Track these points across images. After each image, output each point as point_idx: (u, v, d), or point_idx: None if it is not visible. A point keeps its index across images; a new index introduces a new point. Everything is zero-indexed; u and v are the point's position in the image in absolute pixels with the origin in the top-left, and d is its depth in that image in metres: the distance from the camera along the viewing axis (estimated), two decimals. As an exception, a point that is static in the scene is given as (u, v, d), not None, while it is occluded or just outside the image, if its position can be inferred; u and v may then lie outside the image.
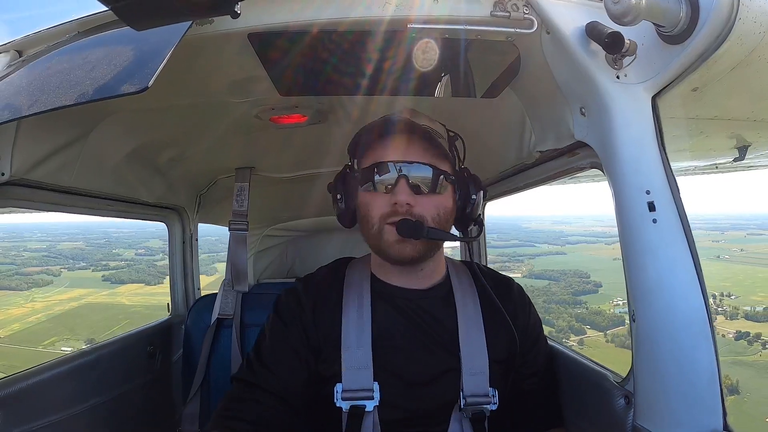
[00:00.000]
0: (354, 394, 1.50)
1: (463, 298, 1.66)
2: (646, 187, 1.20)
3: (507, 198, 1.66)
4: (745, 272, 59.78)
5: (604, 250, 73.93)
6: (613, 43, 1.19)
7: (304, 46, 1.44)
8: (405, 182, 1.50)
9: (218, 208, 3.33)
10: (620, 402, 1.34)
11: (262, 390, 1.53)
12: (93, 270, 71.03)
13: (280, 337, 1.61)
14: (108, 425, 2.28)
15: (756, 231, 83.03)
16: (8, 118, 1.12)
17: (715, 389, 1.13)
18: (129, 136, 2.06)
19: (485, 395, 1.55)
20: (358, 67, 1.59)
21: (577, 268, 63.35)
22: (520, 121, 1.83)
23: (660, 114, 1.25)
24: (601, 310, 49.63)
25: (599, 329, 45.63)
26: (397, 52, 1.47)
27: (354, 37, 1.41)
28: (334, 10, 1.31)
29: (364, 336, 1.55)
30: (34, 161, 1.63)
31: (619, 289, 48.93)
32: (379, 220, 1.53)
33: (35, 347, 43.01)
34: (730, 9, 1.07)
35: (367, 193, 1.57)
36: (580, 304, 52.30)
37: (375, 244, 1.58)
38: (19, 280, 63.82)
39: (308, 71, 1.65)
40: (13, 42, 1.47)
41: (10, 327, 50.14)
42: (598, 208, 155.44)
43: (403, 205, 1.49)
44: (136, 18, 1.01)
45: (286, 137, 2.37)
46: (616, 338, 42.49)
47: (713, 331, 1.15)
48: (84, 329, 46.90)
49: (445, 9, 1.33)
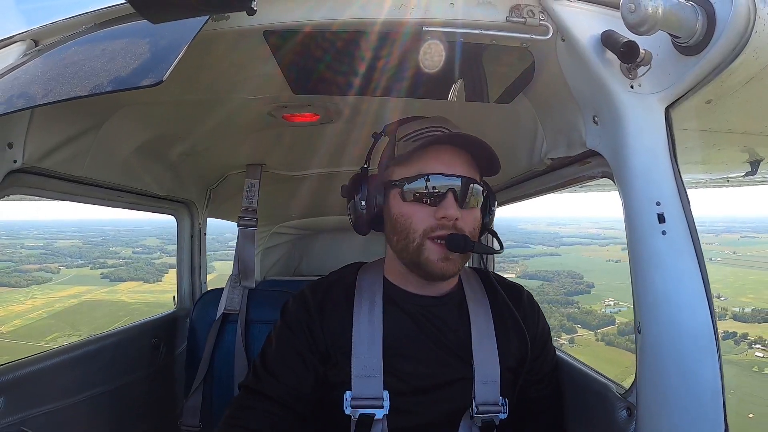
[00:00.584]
0: (363, 402, 1.49)
1: (475, 305, 1.64)
2: (657, 199, 1.19)
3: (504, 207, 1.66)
4: (735, 274, 60.04)
5: (598, 251, 75.73)
6: (628, 52, 1.19)
7: (319, 45, 1.45)
8: (453, 196, 1.45)
9: (227, 204, 3.34)
10: (622, 414, 1.33)
11: (266, 397, 1.53)
12: (91, 268, 71.54)
13: (287, 343, 1.59)
14: (109, 415, 2.29)
15: (750, 234, 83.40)
16: (23, 106, 1.13)
17: (718, 404, 1.12)
18: (141, 128, 2.07)
19: (496, 404, 1.54)
20: (372, 68, 1.59)
21: (570, 269, 64.23)
22: (532, 127, 1.82)
23: (673, 125, 1.24)
24: (592, 309, 50.74)
25: (590, 328, 46.36)
26: (412, 55, 1.47)
27: (369, 39, 1.41)
28: (351, 11, 1.31)
29: (375, 343, 1.53)
30: (46, 150, 1.64)
31: (611, 290, 50.71)
32: (422, 234, 1.47)
33: (37, 342, 42.96)
34: (747, 22, 1.06)
35: (408, 204, 1.49)
36: (572, 303, 52.62)
37: (412, 259, 1.50)
38: (18, 278, 64.16)
39: (322, 70, 1.65)
40: (29, 31, 1.48)
41: (12, 323, 50.67)
42: (594, 210, 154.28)
43: (451, 219, 1.44)
44: (153, 11, 1.02)
45: (298, 135, 2.38)
46: (606, 337, 43.73)
47: (719, 346, 1.14)
48: (85, 326, 47.18)
49: (461, 13, 1.32)
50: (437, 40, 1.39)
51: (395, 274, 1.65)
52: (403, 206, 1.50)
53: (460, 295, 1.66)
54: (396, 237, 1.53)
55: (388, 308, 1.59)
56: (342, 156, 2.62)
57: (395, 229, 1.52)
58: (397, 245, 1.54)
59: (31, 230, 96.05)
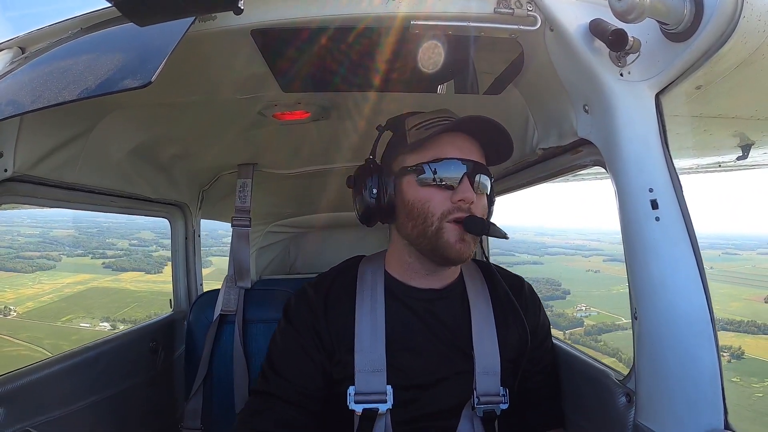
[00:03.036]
0: (367, 397, 1.49)
1: (476, 297, 1.64)
2: (649, 185, 1.20)
3: (496, 207, 1.67)
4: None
5: (580, 261, 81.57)
6: (616, 40, 1.19)
7: (307, 42, 1.44)
8: (469, 180, 1.47)
9: (221, 205, 3.33)
10: (622, 400, 1.34)
11: (277, 398, 1.53)
12: (92, 258, 73.90)
13: (292, 343, 1.58)
14: (110, 422, 2.28)
15: (732, 251, 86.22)
16: (11, 114, 1.12)
17: (717, 388, 1.13)
18: (132, 132, 2.06)
19: (497, 395, 1.55)
20: (362, 63, 1.59)
21: (550, 276, 68.05)
22: (522, 118, 1.82)
23: (664, 112, 1.25)
24: (564, 313, 55.22)
25: (560, 329, 49.95)
26: (401, 49, 1.47)
27: (357, 34, 1.40)
28: (338, 7, 1.31)
29: (377, 338, 1.53)
30: (37, 157, 1.63)
31: (585, 297, 54.80)
32: (440, 217, 1.47)
33: (54, 323, 46.28)
34: (735, 7, 1.06)
35: (424, 189, 1.49)
36: (547, 307, 53.50)
37: (430, 242, 1.49)
38: (22, 263, 66.57)
39: (311, 67, 1.65)
40: (16, 39, 1.47)
41: (24, 305, 53.31)
42: (582, 221, 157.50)
43: (468, 202, 1.45)
44: (139, 14, 1.01)
45: (289, 134, 2.37)
46: (572, 336, 49.31)
47: (715, 330, 1.15)
48: (98, 310, 49.84)
49: (449, 6, 1.32)
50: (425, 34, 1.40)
51: (397, 267, 1.65)
52: (420, 191, 1.50)
53: (461, 286, 1.66)
54: (412, 223, 1.52)
55: (390, 303, 1.58)
56: (334, 153, 2.61)
57: (411, 214, 1.52)
58: (413, 231, 1.52)
59: (24, 218, 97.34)
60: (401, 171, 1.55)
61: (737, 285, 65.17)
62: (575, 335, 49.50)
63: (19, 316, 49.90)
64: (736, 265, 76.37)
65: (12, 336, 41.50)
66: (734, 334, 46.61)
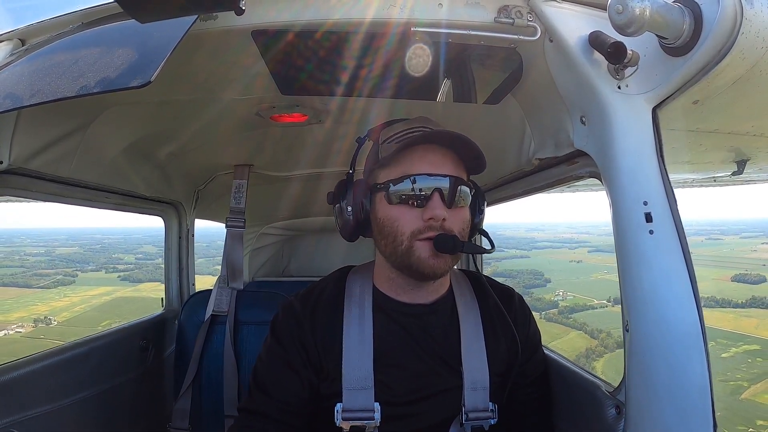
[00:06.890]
0: (354, 414, 1.47)
1: (466, 311, 1.62)
2: (644, 198, 1.20)
3: (492, 207, 1.64)
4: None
5: (566, 254, 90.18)
6: (615, 53, 1.20)
7: (307, 45, 1.44)
8: (439, 196, 1.41)
9: (215, 205, 3.33)
10: (611, 412, 1.34)
11: (263, 416, 1.51)
12: (105, 272, 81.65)
13: (277, 361, 1.56)
14: (99, 418, 2.27)
15: (716, 236, 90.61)
16: (9, 107, 1.12)
17: (707, 402, 1.12)
18: (128, 129, 2.06)
19: (486, 410, 1.54)
20: (361, 69, 1.58)
21: (534, 268, 77.49)
22: (520, 128, 1.82)
23: (660, 125, 1.25)
24: (542, 298, 64.63)
25: (536, 310, 55.14)
26: (400, 55, 1.47)
27: (358, 39, 1.40)
28: (340, 11, 1.31)
29: (365, 354, 1.50)
30: (33, 151, 1.62)
31: (564, 284, 62.65)
32: (410, 236, 1.42)
33: (95, 327, 49.44)
34: (734, 23, 1.07)
35: (394, 207, 1.45)
36: (528, 294, 61.01)
37: (402, 261, 1.45)
38: (42, 280, 73.94)
39: (311, 71, 1.64)
40: (16, 30, 1.47)
41: (60, 315, 62.25)
42: (572, 215, 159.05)
43: (438, 220, 1.40)
44: (140, 10, 1.01)
45: (286, 136, 2.37)
46: (547, 315, 59.13)
47: (706, 344, 1.15)
48: (131, 315, 53.20)
49: (449, 14, 1.32)
50: (425, 41, 1.40)
51: (385, 282, 1.61)
52: (389, 209, 1.46)
53: (451, 301, 1.64)
54: (384, 241, 1.49)
55: (378, 318, 1.56)
56: (330, 156, 2.61)
57: (382, 233, 1.49)
58: (385, 249, 1.50)
59: (24, 238, 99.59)
60: (373, 188, 1.52)
61: (710, 268, 71.75)
62: (550, 314, 59.06)
63: (60, 325, 57.48)
64: (715, 250, 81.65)
65: (62, 340, 44.77)
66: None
